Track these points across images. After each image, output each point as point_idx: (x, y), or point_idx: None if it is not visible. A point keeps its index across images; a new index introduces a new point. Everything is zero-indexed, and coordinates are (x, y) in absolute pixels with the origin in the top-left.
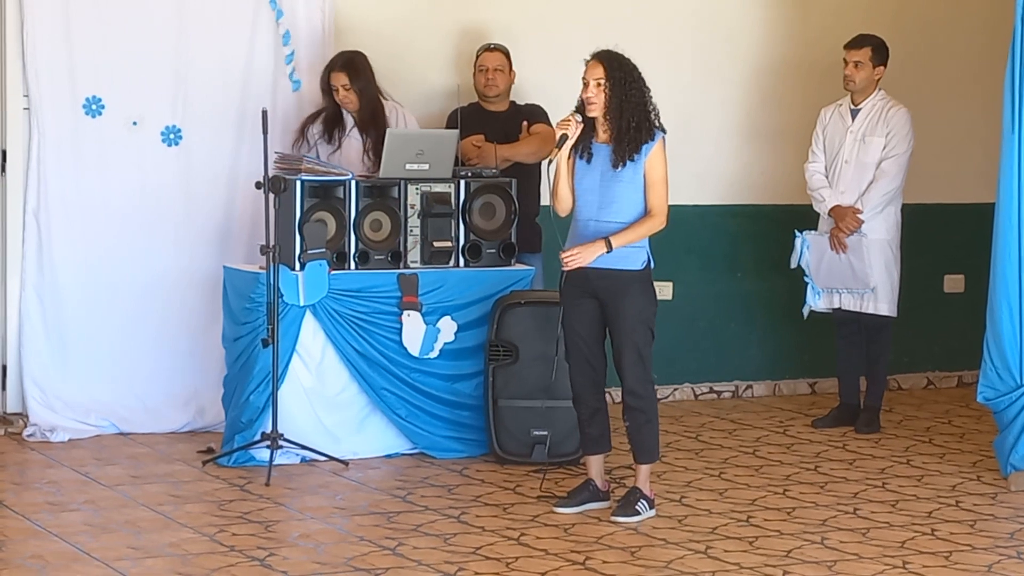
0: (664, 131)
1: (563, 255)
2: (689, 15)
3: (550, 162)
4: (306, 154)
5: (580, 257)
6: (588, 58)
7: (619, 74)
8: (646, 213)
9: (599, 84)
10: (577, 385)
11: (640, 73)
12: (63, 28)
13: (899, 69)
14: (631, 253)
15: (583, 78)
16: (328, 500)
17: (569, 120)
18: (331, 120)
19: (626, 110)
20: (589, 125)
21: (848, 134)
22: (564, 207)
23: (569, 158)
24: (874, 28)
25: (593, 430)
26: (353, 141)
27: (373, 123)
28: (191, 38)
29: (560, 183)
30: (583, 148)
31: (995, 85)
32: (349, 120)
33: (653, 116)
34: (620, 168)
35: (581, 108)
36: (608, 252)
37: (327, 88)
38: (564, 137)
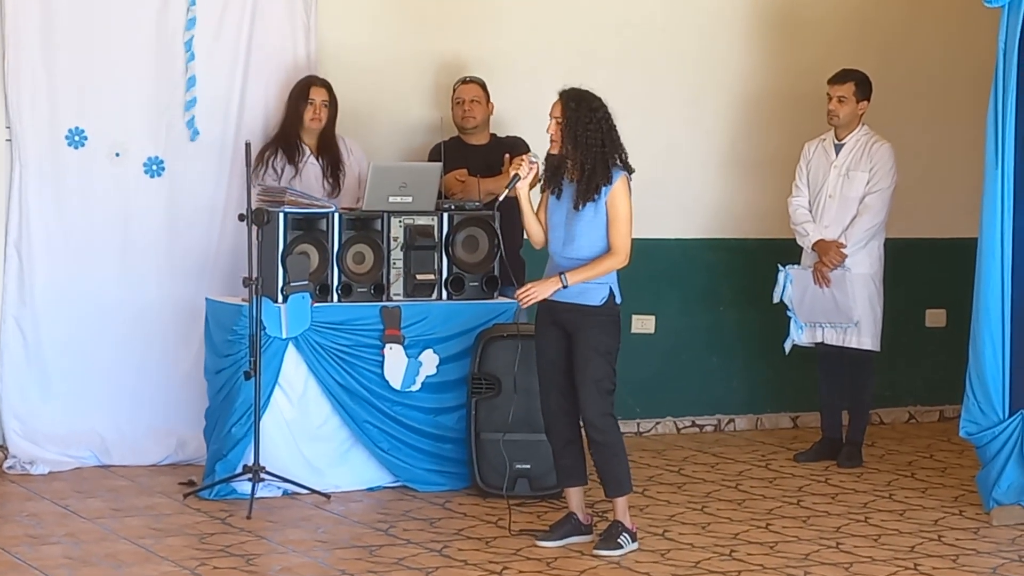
0: (629, 170)
1: (518, 293)
2: (672, 46)
3: (499, 201)
4: (266, 180)
5: (535, 292)
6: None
7: (575, 113)
8: (607, 250)
9: (557, 121)
10: (548, 415)
11: (604, 112)
12: (45, 59)
13: (882, 104)
14: (589, 289)
15: (549, 115)
16: (310, 533)
17: (523, 160)
18: (290, 146)
19: (580, 148)
20: (562, 163)
21: (832, 169)
22: (536, 241)
23: (544, 192)
24: (858, 63)
25: (566, 461)
26: (311, 167)
27: (329, 148)
28: (174, 70)
29: (526, 219)
30: (555, 185)
31: (978, 121)
32: (305, 147)
33: (614, 156)
34: (581, 208)
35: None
36: (564, 288)
37: (301, 102)
38: (516, 177)
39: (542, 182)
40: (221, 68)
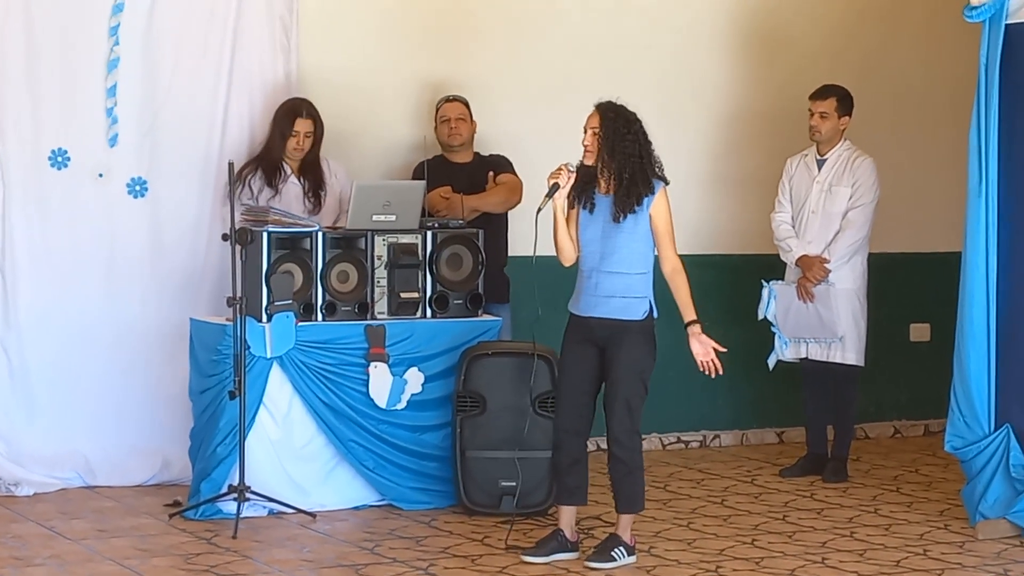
0: (666, 181)
1: (705, 364)
2: (654, 64)
3: (539, 210)
4: (248, 200)
5: (711, 357)
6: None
7: (614, 124)
8: (667, 265)
9: (594, 132)
10: (561, 432)
11: (640, 126)
12: (28, 80)
13: (864, 119)
14: (632, 303)
15: (583, 127)
16: (295, 553)
17: (561, 170)
18: (271, 167)
19: (617, 159)
20: (592, 176)
21: (814, 184)
22: (565, 257)
23: (572, 208)
24: (839, 79)
25: (571, 480)
26: (291, 187)
27: (312, 170)
28: (156, 90)
29: (559, 234)
30: (586, 199)
31: (959, 134)
32: (287, 167)
33: (652, 167)
34: (621, 220)
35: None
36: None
37: (286, 129)
38: (556, 186)
39: (570, 197)
40: (204, 88)
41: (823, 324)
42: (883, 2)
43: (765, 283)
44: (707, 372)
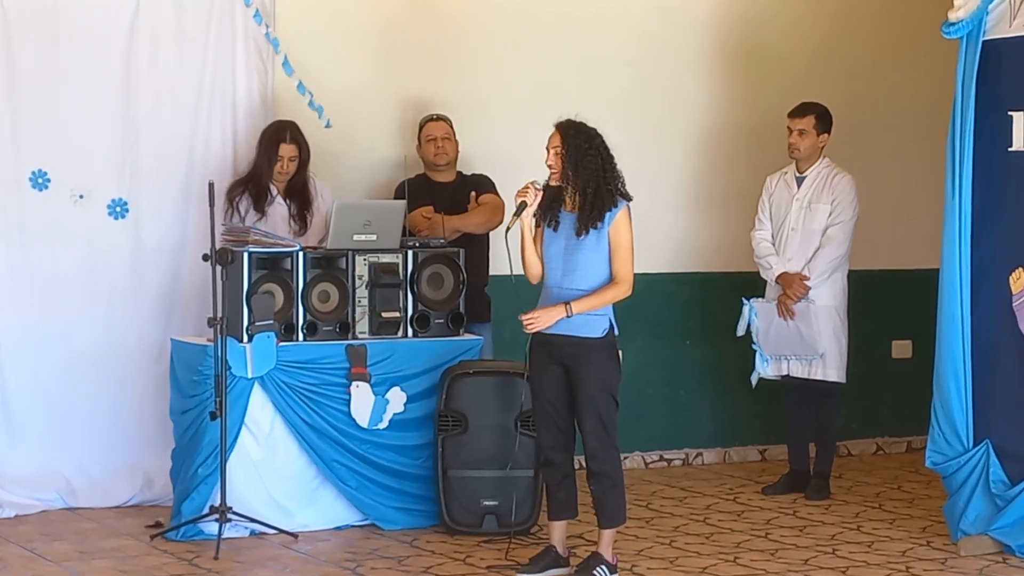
0: (629, 199)
1: (523, 318)
2: (636, 83)
3: (508, 230)
4: (236, 223)
5: (539, 321)
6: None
7: (575, 141)
8: (610, 280)
9: (556, 152)
10: (547, 450)
11: (602, 141)
12: (8, 100)
13: (841, 135)
14: (592, 320)
15: (545, 147)
16: (277, 573)
17: (528, 188)
18: (259, 190)
19: (581, 176)
20: (557, 194)
21: (794, 201)
22: (532, 274)
23: (539, 226)
24: (820, 97)
25: (561, 495)
26: (278, 208)
27: (299, 191)
28: (137, 110)
29: (526, 252)
30: (551, 217)
31: (937, 150)
32: (273, 187)
33: (615, 184)
34: (583, 236)
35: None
36: (567, 317)
37: (271, 154)
38: (523, 205)
39: (536, 215)
40: (183, 110)
41: (804, 341)
42: (868, 19)
43: (745, 300)
44: (524, 321)
